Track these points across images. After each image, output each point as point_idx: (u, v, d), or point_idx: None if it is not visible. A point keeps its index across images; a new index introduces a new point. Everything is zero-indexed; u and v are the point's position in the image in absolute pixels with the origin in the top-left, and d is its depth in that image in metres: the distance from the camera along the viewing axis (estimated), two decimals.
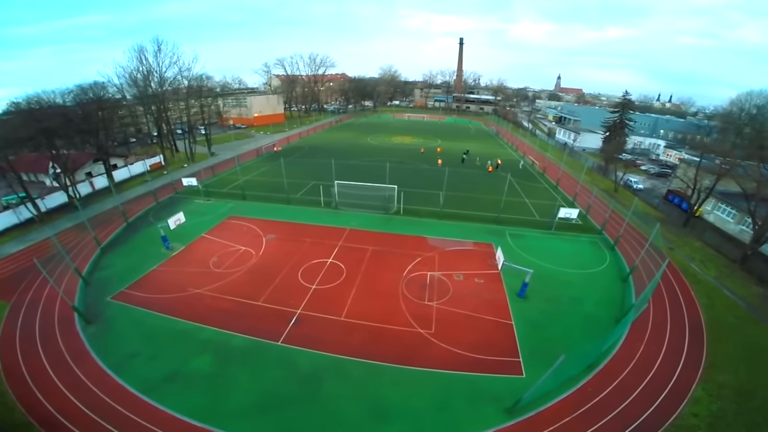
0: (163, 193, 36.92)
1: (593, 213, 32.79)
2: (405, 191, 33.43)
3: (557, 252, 25.90)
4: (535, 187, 40.49)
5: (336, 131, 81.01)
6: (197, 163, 50.01)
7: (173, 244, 25.92)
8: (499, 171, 47.06)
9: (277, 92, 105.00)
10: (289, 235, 27.12)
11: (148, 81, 50.83)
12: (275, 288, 21.00)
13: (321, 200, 32.59)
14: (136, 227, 29.74)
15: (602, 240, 28.52)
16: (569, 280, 22.41)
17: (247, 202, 33.74)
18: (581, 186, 40.72)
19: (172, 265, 23.55)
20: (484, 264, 23.95)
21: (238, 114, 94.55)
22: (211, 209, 32.20)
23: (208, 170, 44.10)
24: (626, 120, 58.10)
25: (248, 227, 28.32)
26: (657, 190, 44.96)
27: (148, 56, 49.71)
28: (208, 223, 29.27)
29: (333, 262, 23.51)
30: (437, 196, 35.66)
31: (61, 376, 14.97)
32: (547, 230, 29.05)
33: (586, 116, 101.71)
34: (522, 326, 18.15)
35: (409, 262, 23.64)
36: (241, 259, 24.12)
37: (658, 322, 19.04)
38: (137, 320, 18.21)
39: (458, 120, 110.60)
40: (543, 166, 47.57)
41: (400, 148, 61.27)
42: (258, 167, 47.12)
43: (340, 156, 52.58)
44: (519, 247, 26.22)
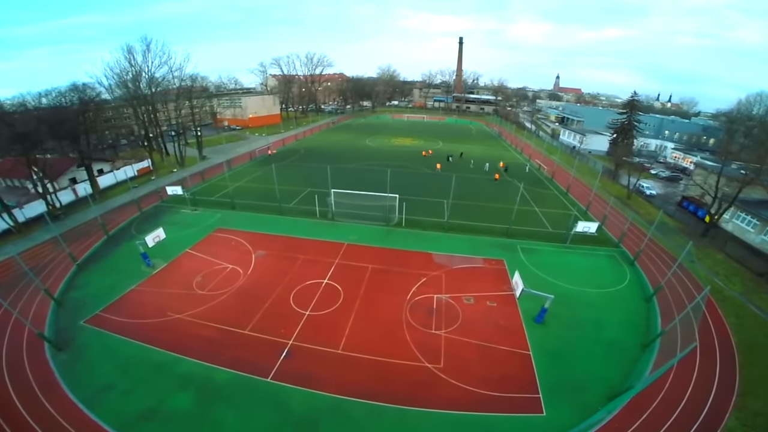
0: (149, 201, 34.62)
1: (608, 223, 30.73)
2: (406, 199, 31.27)
3: (574, 268, 23.90)
4: (544, 194, 38.37)
5: (334, 133, 78.72)
6: (187, 167, 47.64)
7: (155, 260, 23.79)
8: (505, 175, 44.94)
9: (273, 92, 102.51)
10: (281, 250, 24.86)
11: (138, 82, 48.44)
12: (265, 314, 18.86)
13: (316, 210, 30.30)
14: (117, 241, 27.46)
15: (620, 254, 26.52)
16: (589, 301, 20.50)
17: (236, 212, 31.44)
18: (594, 193, 38.81)
19: (153, 285, 21.48)
20: (496, 284, 21.84)
21: (233, 115, 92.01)
22: (197, 220, 29.88)
23: (197, 176, 41.81)
24: (635, 122, 56.08)
25: (237, 241, 26.05)
26: (670, 196, 42.96)
27: (136, 56, 47.41)
28: (193, 237, 26.99)
29: (329, 283, 21.29)
30: (441, 204, 33.63)
31: (30, 409, 13.66)
32: (561, 243, 26.95)
33: (590, 117, 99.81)
34: (541, 357, 16.40)
35: (413, 282, 21.45)
36: (227, 279, 21.94)
37: (686, 344, 16.89)
38: (111, 348, 16.53)
39: (459, 120, 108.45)
40: (551, 171, 45.45)
41: (400, 151, 59.10)
42: (250, 172, 44.81)
43: (337, 160, 50.59)
44: (532, 264, 24.11)
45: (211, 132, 80.00)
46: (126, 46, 47.13)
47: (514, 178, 44.29)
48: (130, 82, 48.30)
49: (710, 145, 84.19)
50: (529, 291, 17.71)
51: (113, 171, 42.45)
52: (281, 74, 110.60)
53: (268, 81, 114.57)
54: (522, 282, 17.88)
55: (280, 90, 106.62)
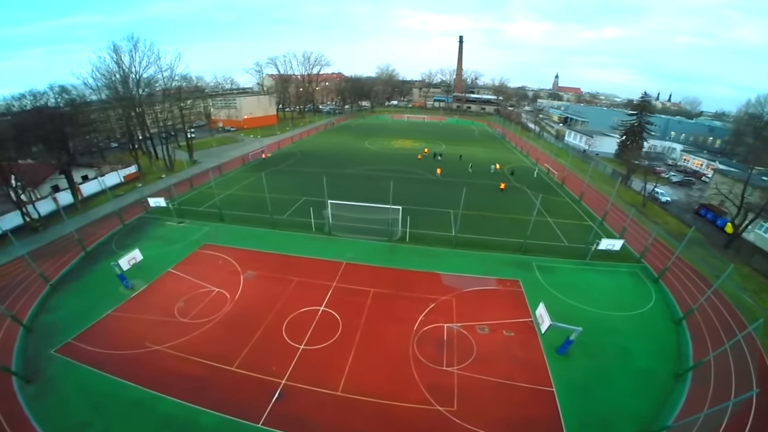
0: (133, 211, 32.32)
1: (628, 236, 28.73)
2: (409, 209, 29.08)
3: (595, 288, 21.94)
4: (556, 202, 36.26)
5: (331, 134, 76.48)
6: (176, 173, 45.30)
7: (134, 281, 21.66)
8: (512, 180, 42.71)
9: (269, 92, 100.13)
10: (273, 270, 22.63)
11: (126, 82, 46.10)
12: (254, 348, 16.79)
13: (312, 223, 28.00)
14: (95, 257, 25.26)
15: (642, 270, 24.62)
16: (614, 326, 18.64)
17: (225, 225, 29.14)
18: (607, 200, 36.82)
19: (130, 310, 19.42)
20: (513, 309, 19.78)
21: (228, 116, 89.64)
22: (183, 234, 27.61)
23: (186, 183, 39.46)
24: (645, 123, 54.14)
25: (224, 260, 23.81)
26: (685, 203, 41.04)
27: (123, 56, 45.07)
28: (177, 254, 24.76)
29: (326, 311, 19.11)
30: (447, 215, 31.65)
31: None
32: (579, 260, 24.91)
33: (595, 117, 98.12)
34: (565, 393, 14.76)
35: (420, 309, 19.32)
36: (213, 304, 19.78)
37: (721, 373, 15.89)
38: (84, 382, 14.94)
39: (460, 121, 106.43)
40: (562, 176, 43.28)
41: (400, 155, 56.82)
42: (241, 179, 42.43)
43: (334, 164, 48.51)
44: (550, 284, 22.07)
45: (205, 134, 77.70)
46: (113, 45, 44.91)
47: (522, 183, 42.24)
48: (118, 83, 46.01)
49: (716, 146, 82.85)
50: (557, 325, 15.67)
51: (97, 178, 40.11)
52: (278, 74, 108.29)
53: (265, 81, 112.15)
54: (548, 315, 15.85)
55: (277, 90, 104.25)
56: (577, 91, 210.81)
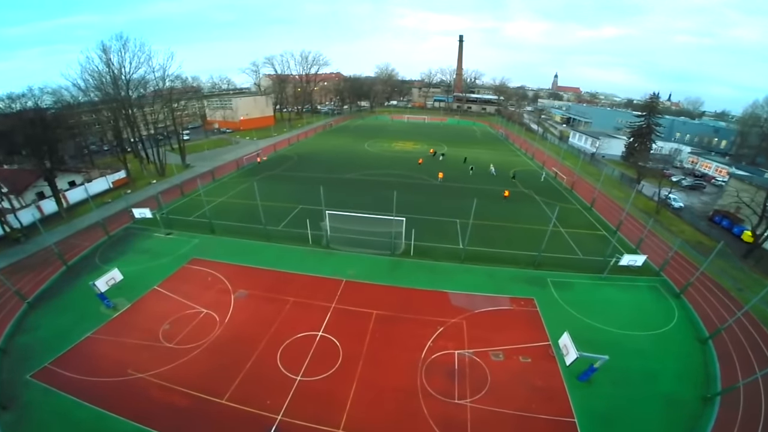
0: (120, 221, 30.70)
1: (645, 246, 27.40)
2: (413, 219, 27.61)
3: (614, 306, 20.65)
4: (567, 210, 34.67)
5: (330, 136, 74.90)
6: (168, 178, 43.63)
7: (116, 300, 20.19)
8: (519, 186, 41.13)
9: (266, 93, 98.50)
10: (266, 289, 21.07)
11: (117, 83, 44.51)
12: (246, 378, 15.36)
13: (309, 235, 26.32)
14: (78, 272, 23.74)
15: (663, 284, 23.29)
16: (637, 347, 17.51)
17: (216, 237, 27.48)
18: (618, 207, 35.55)
19: (112, 332, 18.04)
20: (528, 331, 18.39)
21: (223, 117, 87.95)
22: (170, 247, 26.02)
23: (177, 189, 37.75)
24: (653, 125, 52.91)
25: (214, 277, 22.25)
26: (696, 208, 39.78)
27: (112, 56, 43.49)
28: (163, 270, 23.22)
29: (324, 336, 17.61)
30: (453, 225, 30.14)
31: None
32: (595, 274, 23.56)
33: (598, 118, 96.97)
34: (588, 423, 13.75)
35: (427, 334, 17.85)
36: (201, 327, 18.31)
37: (750, 395, 15.05)
38: (63, 412, 13.92)
39: (461, 122, 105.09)
40: (571, 182, 41.77)
41: (401, 158, 55.18)
42: (235, 185, 40.70)
43: (333, 168, 46.90)
44: (567, 302, 20.70)
45: (200, 135, 76.11)
46: (101, 45, 43.34)
47: (530, 189, 40.72)
48: (108, 85, 44.42)
49: (721, 147, 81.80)
50: (583, 355, 14.33)
51: (84, 184, 38.47)
52: (275, 74, 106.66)
53: (263, 81, 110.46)
54: (573, 346, 14.48)
55: (274, 90, 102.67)
56: (576, 91, 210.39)
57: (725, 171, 56.25)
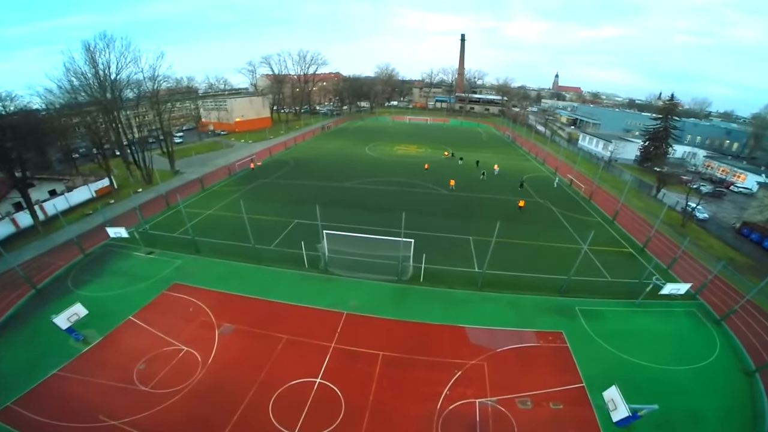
0: (100, 236, 27.74)
1: (677, 267, 25.02)
2: (421, 236, 25.16)
3: (650, 336, 18.48)
4: (587, 223, 32.13)
5: (328, 139, 72.33)
6: (155, 185, 40.99)
7: (86, 331, 17.89)
8: (534, 196, 38.29)
9: (263, 93, 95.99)
10: (256, 323, 18.47)
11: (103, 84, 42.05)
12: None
13: (304, 256, 23.40)
14: (48, 297, 21.31)
15: (700, 308, 21.06)
16: (679, 384, 15.71)
17: (201, 258, 24.75)
18: (640, 218, 33.18)
19: (81, 370, 15.92)
20: (558, 372, 16.05)
21: (218, 118, 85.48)
22: (150, 269, 23.45)
23: (160, 201, 34.80)
24: (671, 128, 50.58)
25: (196, 307, 19.69)
26: (719, 219, 37.39)
27: (97, 55, 41.04)
28: (140, 296, 20.70)
29: (323, 384, 15.08)
30: (466, 243, 27.43)
31: None
32: (626, 300, 21.20)
33: (607, 119, 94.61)
34: None
35: (444, 378, 15.36)
36: (181, 368, 15.91)
37: None
38: None
39: (464, 123, 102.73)
40: (590, 191, 38.97)
41: (405, 163, 52.41)
42: (225, 194, 37.78)
43: (331, 175, 44.08)
44: (599, 334, 18.34)
45: (194, 138, 73.61)
46: (84, 44, 40.90)
47: (545, 198, 37.97)
48: (94, 88, 41.97)
49: (734, 150, 79.53)
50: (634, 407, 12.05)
51: (64, 194, 35.90)
52: (272, 74, 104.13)
53: (260, 81, 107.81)
54: (623, 401, 12.11)
55: (271, 91, 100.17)
56: (577, 91, 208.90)
57: (744, 176, 54.01)
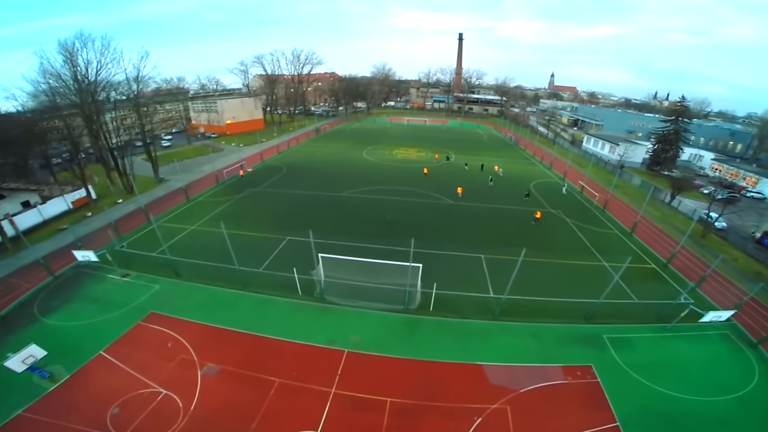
0: (70, 256, 24.63)
1: (706, 286, 23.36)
2: (428, 255, 23.24)
3: (685, 364, 17.18)
4: (604, 235, 30.33)
5: (324, 142, 70.12)
6: (137, 196, 38.47)
7: (53, 367, 16.03)
8: (547, 206, 36.05)
9: (255, 94, 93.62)
10: (243, 362, 16.33)
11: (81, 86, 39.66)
12: None
13: (296, 281, 20.54)
14: (11, 326, 19.11)
15: (734, 331, 19.68)
16: (718, 417, 14.54)
17: (181, 283, 22.26)
18: (658, 230, 31.48)
19: (47, 411, 14.16)
20: (590, 411, 14.42)
21: (208, 120, 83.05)
22: (125, 295, 21.15)
23: (138, 215, 31.99)
24: (682, 130, 49.34)
25: (176, 342, 17.51)
26: (737, 227, 35.87)
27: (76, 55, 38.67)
28: (113, 327, 18.53)
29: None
30: (477, 262, 25.21)
31: None
32: (657, 324, 19.63)
33: (609, 120, 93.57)
34: None
35: (462, 428, 13.42)
36: (159, 415, 13.96)
37: None
38: None
39: (464, 124, 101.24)
40: (604, 199, 36.87)
41: (405, 169, 49.92)
42: (211, 207, 34.85)
43: (327, 183, 41.63)
44: (631, 365, 16.80)
45: (183, 141, 71.13)
46: (61, 43, 38.50)
47: (558, 209, 35.64)
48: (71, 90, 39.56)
49: (737, 151, 78.86)
50: None
51: (36, 207, 33.38)
52: (265, 74, 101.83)
53: (254, 82, 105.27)
54: None
55: (264, 91, 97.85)
56: (573, 90, 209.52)
57: (754, 179, 52.96)
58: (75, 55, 38.73)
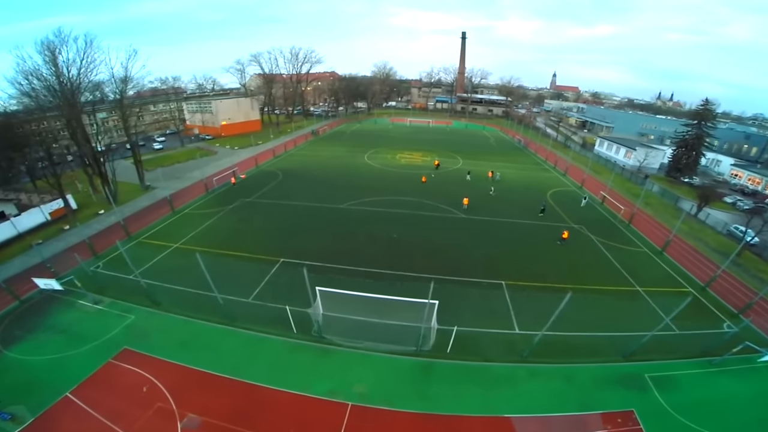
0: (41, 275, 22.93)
1: (753, 314, 21.08)
2: (442, 282, 20.94)
3: (737, 404, 15.33)
4: (632, 254, 27.81)
5: (323, 144, 67.78)
6: (121, 205, 36.25)
7: (14, 408, 14.31)
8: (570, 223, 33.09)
9: (252, 94, 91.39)
10: (230, 415, 14.01)
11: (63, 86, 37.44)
12: None
13: (290, 317, 17.92)
14: None
15: None
16: None
17: (159, 313, 19.72)
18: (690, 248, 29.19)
19: None
20: None
21: (202, 121, 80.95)
22: (96, 326, 18.83)
23: (119, 229, 29.12)
24: (706, 135, 47.17)
25: (152, 386, 15.11)
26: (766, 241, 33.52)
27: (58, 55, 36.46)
28: (82, 364, 16.34)
29: None
30: (499, 291, 22.25)
31: None
32: (701, 357, 17.62)
33: (620, 122, 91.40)
34: None
35: None
36: None
37: None
38: None
39: (469, 125, 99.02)
40: (630, 213, 33.74)
41: (411, 176, 46.57)
42: (199, 220, 31.82)
43: (326, 193, 38.68)
44: (677, 408, 14.81)
45: (176, 143, 68.87)
46: (40, 43, 36.30)
47: (581, 224, 32.55)
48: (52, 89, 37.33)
49: (752, 155, 76.66)
50: None
51: (9, 219, 31.07)
52: (262, 73, 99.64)
53: (253, 81, 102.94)
54: None
55: (260, 91, 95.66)
56: (575, 90, 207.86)
57: None
58: (55, 54, 36.64)
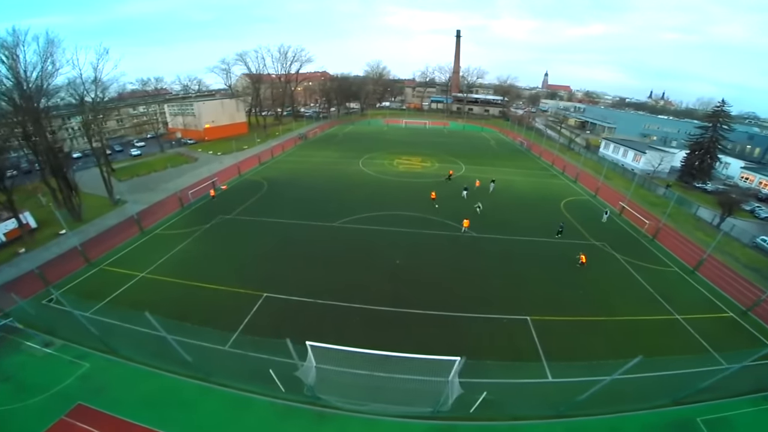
0: None
1: None
2: (455, 320, 18.21)
3: None
4: (661, 274, 25.29)
5: (314, 149, 64.59)
6: (87, 223, 32.71)
7: None
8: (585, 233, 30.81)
9: (238, 95, 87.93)
10: None
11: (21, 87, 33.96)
12: None
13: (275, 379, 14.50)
14: None
15: None
16: None
17: (118, 361, 16.29)
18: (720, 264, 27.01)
19: None
20: None
21: (184, 125, 77.24)
22: (46, 374, 15.56)
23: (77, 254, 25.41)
24: (721, 138, 45.50)
25: None
26: None
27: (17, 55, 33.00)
28: (29, 421, 13.35)
29: None
30: (525, 329, 19.36)
31: None
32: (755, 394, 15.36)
33: (622, 123, 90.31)
34: None
35: None
36: None
37: None
38: None
39: (467, 126, 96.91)
40: (655, 227, 31.17)
41: (411, 186, 43.14)
42: (170, 242, 27.93)
43: (316, 208, 34.78)
44: None
45: (155, 149, 65.20)
46: None
47: (603, 240, 29.55)
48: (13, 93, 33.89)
49: (755, 156, 75.94)
50: None
51: None
52: (249, 73, 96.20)
53: (240, 82, 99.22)
54: None
55: (245, 92, 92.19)
56: (567, 89, 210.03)
57: None
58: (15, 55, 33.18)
